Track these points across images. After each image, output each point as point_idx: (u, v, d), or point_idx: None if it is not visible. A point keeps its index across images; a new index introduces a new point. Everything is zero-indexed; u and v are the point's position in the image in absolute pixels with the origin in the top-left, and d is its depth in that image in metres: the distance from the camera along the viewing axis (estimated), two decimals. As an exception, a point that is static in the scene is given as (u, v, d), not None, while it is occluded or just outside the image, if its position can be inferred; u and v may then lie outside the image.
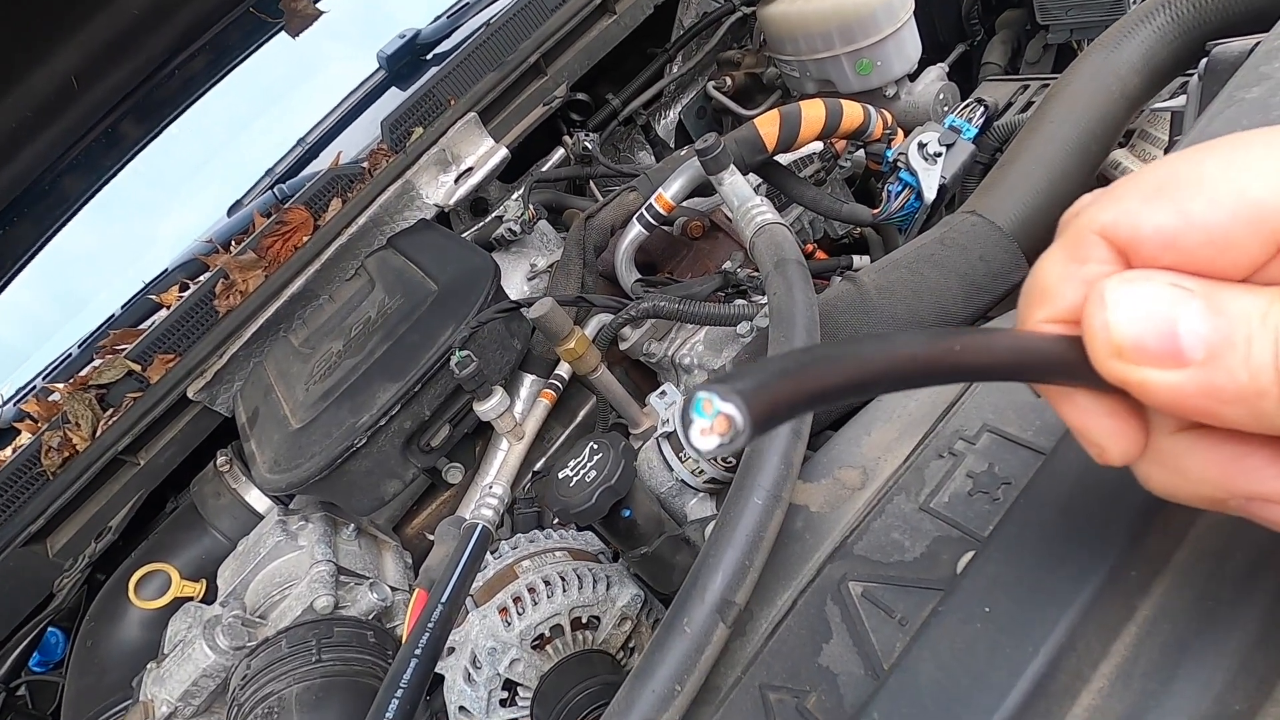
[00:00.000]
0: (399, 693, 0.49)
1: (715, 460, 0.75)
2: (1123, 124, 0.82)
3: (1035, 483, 0.35)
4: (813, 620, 0.42)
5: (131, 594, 0.97)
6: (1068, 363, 0.25)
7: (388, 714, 0.47)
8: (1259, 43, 0.58)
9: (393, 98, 1.80)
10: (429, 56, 1.82)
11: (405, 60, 1.84)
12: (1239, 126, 0.48)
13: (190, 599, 0.97)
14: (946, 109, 1.30)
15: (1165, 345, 0.23)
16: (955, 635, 0.32)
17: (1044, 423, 0.43)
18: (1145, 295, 0.24)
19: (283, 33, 1.53)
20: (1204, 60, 0.64)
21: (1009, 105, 1.19)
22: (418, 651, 0.52)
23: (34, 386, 1.60)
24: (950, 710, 0.31)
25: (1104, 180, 0.90)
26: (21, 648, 1.10)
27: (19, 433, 1.33)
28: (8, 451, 1.32)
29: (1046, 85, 1.18)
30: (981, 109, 1.09)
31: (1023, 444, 0.43)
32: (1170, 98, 0.91)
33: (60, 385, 1.28)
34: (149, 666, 0.84)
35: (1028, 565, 0.33)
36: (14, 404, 1.54)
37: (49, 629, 1.14)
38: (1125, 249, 0.25)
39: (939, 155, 0.99)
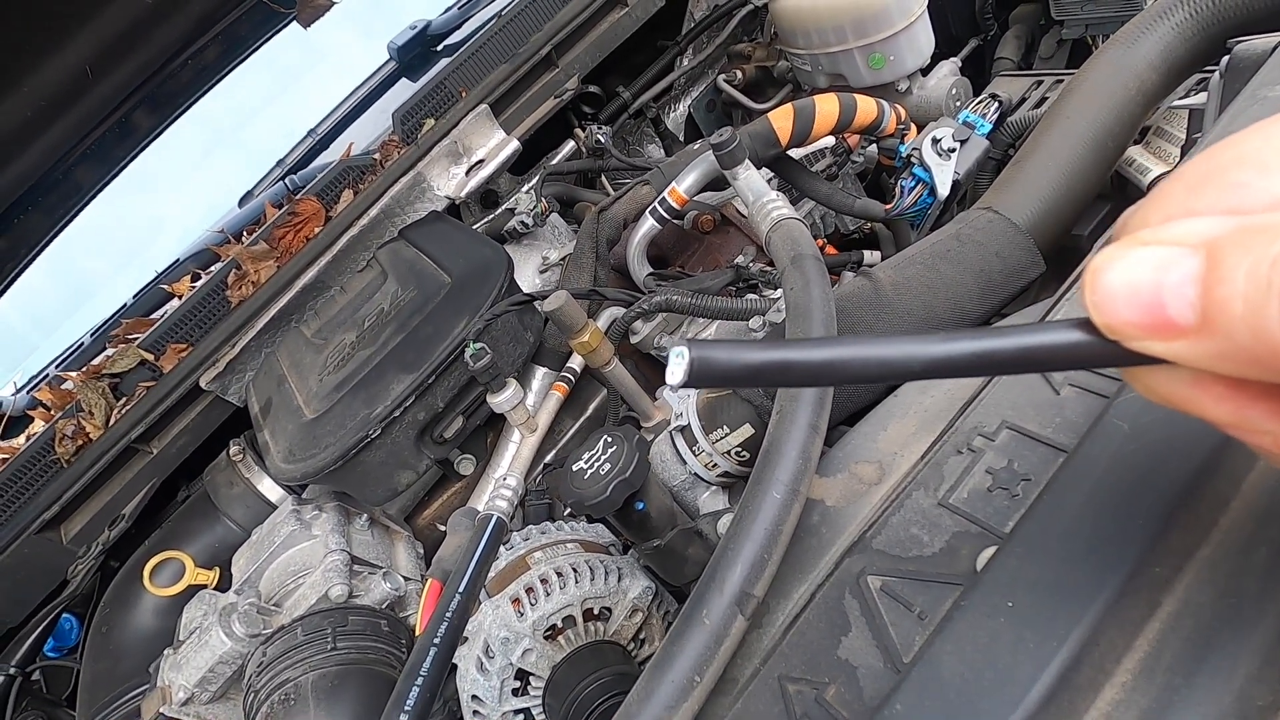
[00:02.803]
0: (419, 681, 0.49)
1: (728, 454, 0.75)
2: (1139, 121, 0.81)
3: (1058, 479, 0.36)
4: (831, 613, 0.42)
5: (146, 581, 0.98)
6: (1090, 345, 0.24)
7: (408, 702, 0.48)
8: (1282, 40, 0.58)
9: (404, 89, 1.80)
10: (440, 48, 1.82)
11: (416, 52, 1.84)
12: (1262, 124, 0.48)
13: (204, 587, 0.98)
14: (959, 104, 1.29)
15: (1151, 317, 0.21)
16: (978, 629, 0.33)
17: (1064, 419, 0.43)
18: (1130, 263, 0.22)
19: (294, 24, 1.53)
20: (1226, 57, 0.63)
21: (1023, 101, 1.19)
22: (436, 640, 0.53)
23: (47, 375, 1.61)
24: (973, 703, 0.31)
25: (1120, 178, 0.90)
26: (37, 633, 1.12)
27: (32, 421, 1.34)
28: (21, 439, 1.33)
29: (1061, 81, 1.17)
30: (995, 104, 1.09)
31: (1042, 440, 0.43)
32: (1186, 95, 0.90)
33: (73, 374, 1.29)
34: (166, 652, 0.85)
35: (1051, 561, 0.33)
36: (27, 392, 1.55)
37: (63, 615, 1.15)
38: None
39: (953, 151, 0.99)
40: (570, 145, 1.41)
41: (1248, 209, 0.21)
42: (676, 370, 0.25)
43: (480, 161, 1.27)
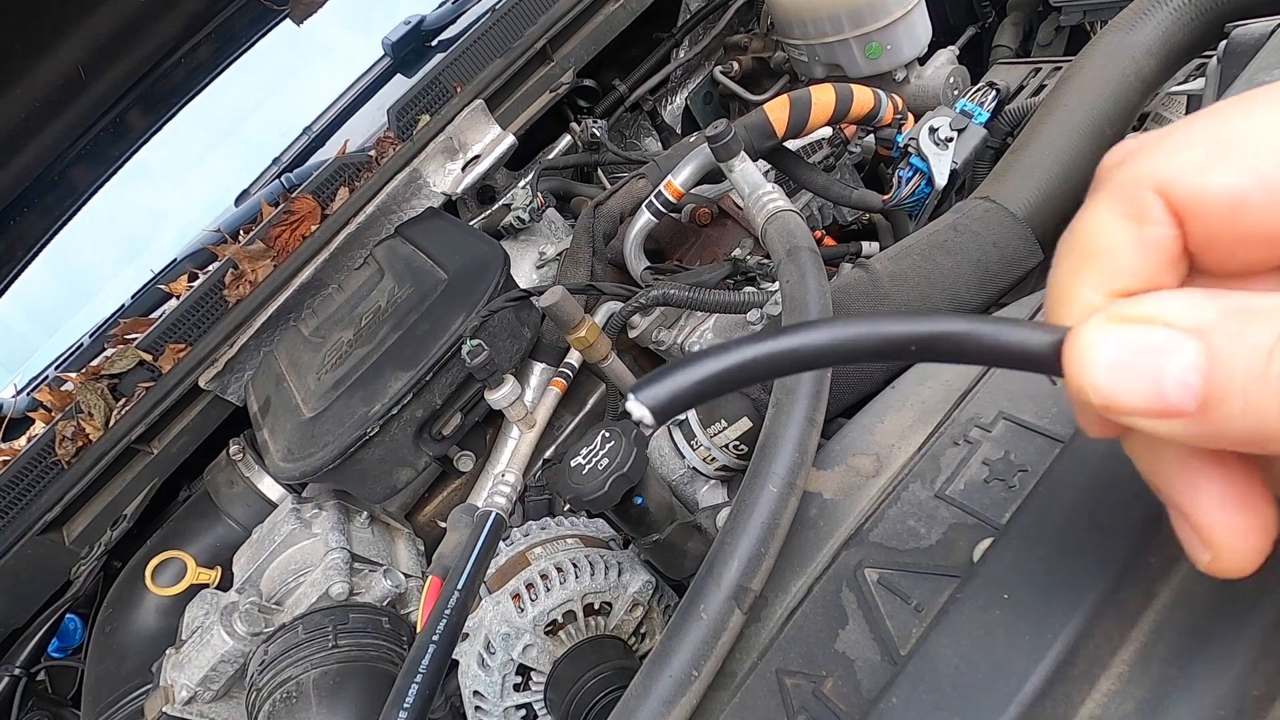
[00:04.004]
0: (418, 678, 0.49)
1: (727, 448, 0.75)
2: (1138, 108, 0.81)
3: (1054, 470, 0.35)
4: (828, 606, 0.42)
5: (148, 581, 0.98)
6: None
7: (407, 699, 0.48)
8: (1279, 24, 0.57)
9: (398, 85, 1.79)
10: (434, 43, 1.81)
11: (411, 47, 1.83)
12: (1260, 110, 0.47)
13: (206, 586, 0.98)
14: (957, 93, 1.28)
15: (1150, 403, 0.21)
16: (974, 621, 0.33)
17: (1060, 410, 0.43)
18: (1128, 346, 0.22)
19: (287, 20, 1.53)
20: (1223, 42, 0.63)
21: (1021, 89, 1.18)
22: (435, 637, 0.53)
23: (46, 376, 1.61)
24: (969, 696, 0.31)
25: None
26: (41, 634, 1.12)
27: (33, 422, 1.35)
28: (22, 441, 1.34)
29: (1059, 68, 1.17)
30: (993, 93, 1.08)
31: (1039, 431, 0.42)
32: (1185, 80, 0.90)
33: (72, 375, 1.29)
34: (168, 652, 0.85)
35: (1047, 552, 0.33)
36: (27, 394, 1.55)
37: (67, 615, 1.16)
38: (1183, 211, 0.22)
39: (950, 140, 0.98)
40: (566, 140, 1.40)
41: (1254, 203, 0.21)
42: (642, 416, 0.25)
43: (476, 157, 1.27)
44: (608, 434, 0.66)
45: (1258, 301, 0.21)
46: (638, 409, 0.24)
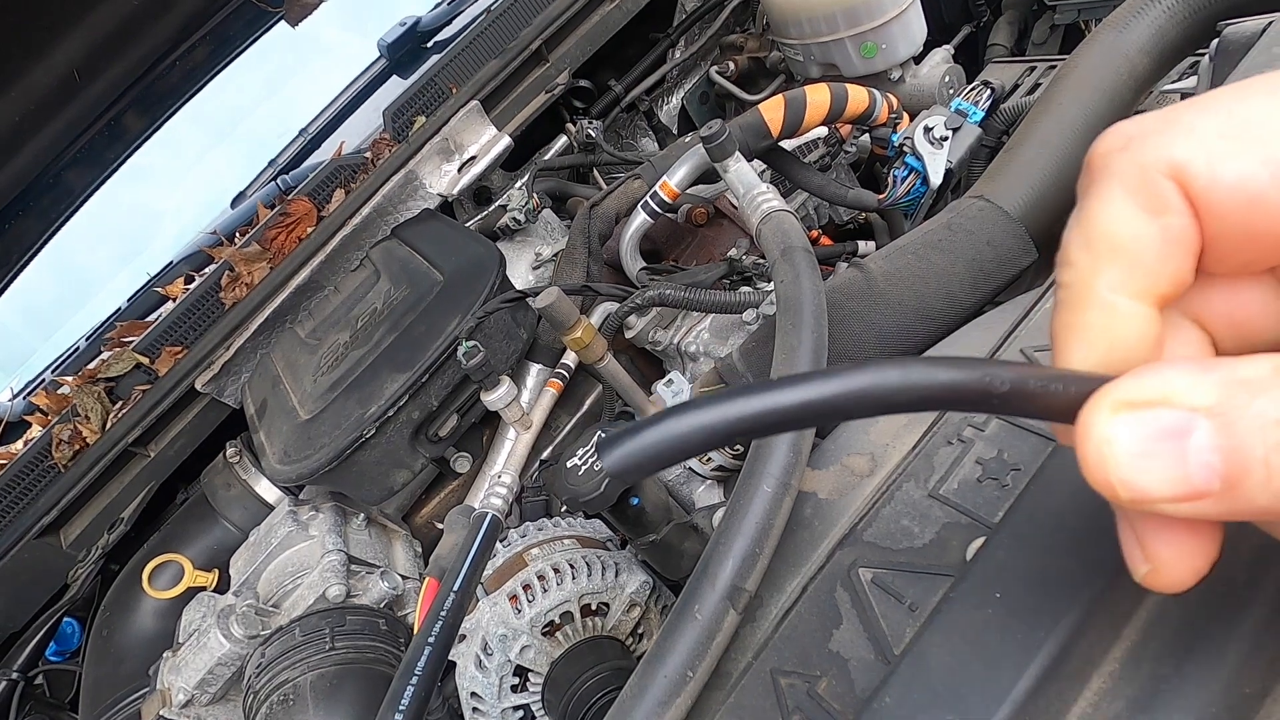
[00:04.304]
0: (414, 680, 0.49)
1: (722, 448, 0.75)
2: (1131, 106, 0.81)
3: (1046, 469, 0.35)
4: (823, 606, 0.42)
5: (145, 584, 0.98)
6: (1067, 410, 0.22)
7: (403, 701, 0.48)
8: (1271, 22, 0.57)
9: (394, 86, 1.79)
10: (430, 44, 1.81)
11: (406, 48, 1.83)
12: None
13: (203, 589, 0.98)
14: (952, 92, 1.29)
15: (1178, 490, 0.21)
16: (966, 621, 0.33)
17: (1053, 408, 0.43)
18: (1146, 434, 0.21)
19: (282, 22, 1.53)
20: (1215, 40, 0.63)
21: (1015, 87, 1.18)
22: (431, 639, 0.53)
23: (43, 380, 1.61)
24: (961, 695, 0.31)
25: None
26: (39, 638, 1.12)
27: (29, 426, 1.34)
28: (19, 445, 1.33)
29: (1054, 67, 1.17)
30: (988, 92, 1.08)
31: (1032, 430, 0.43)
32: (1179, 79, 0.90)
33: (69, 378, 1.29)
34: (165, 655, 0.85)
35: (1039, 551, 0.33)
36: (24, 397, 1.55)
37: (65, 619, 1.16)
38: (1195, 199, 0.21)
39: (945, 139, 0.98)
40: (562, 140, 1.40)
41: (1272, 198, 0.20)
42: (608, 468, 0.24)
43: (472, 158, 1.26)
44: (604, 434, 0.66)
45: (1250, 370, 0.20)
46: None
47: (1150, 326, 0.23)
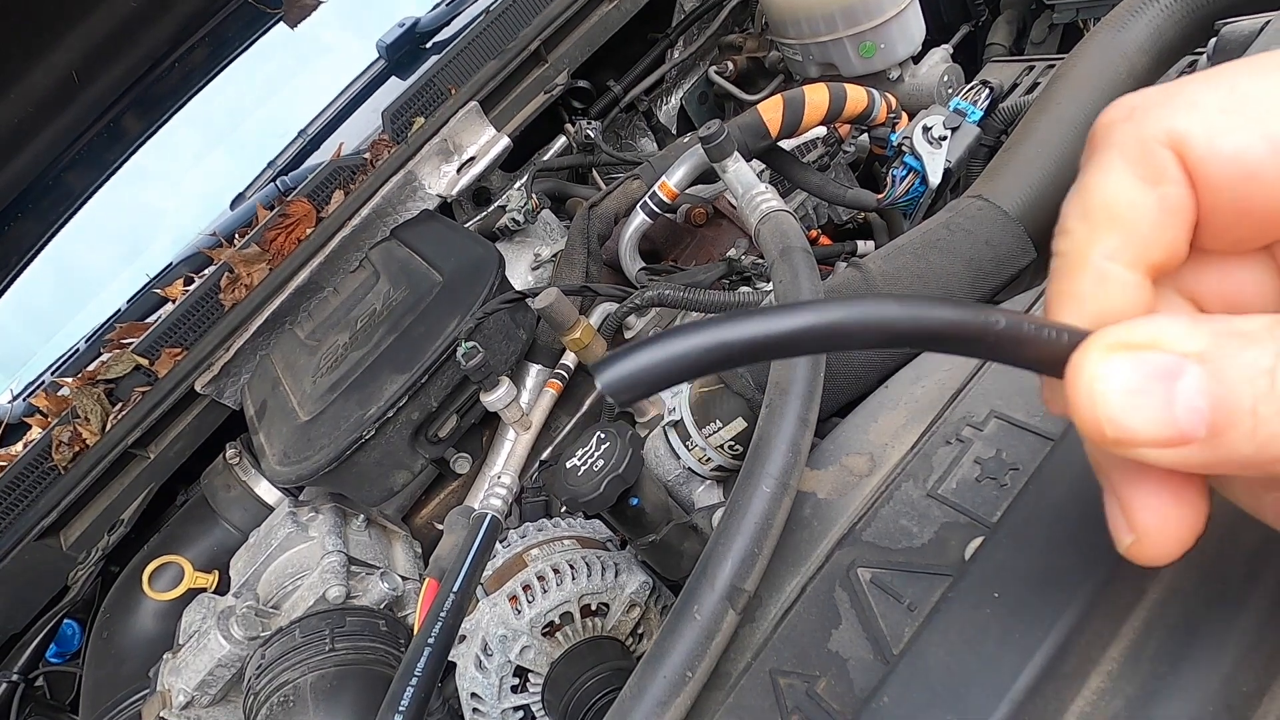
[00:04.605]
0: (413, 681, 0.49)
1: (722, 448, 0.75)
2: (1130, 105, 0.81)
3: (1044, 468, 0.35)
4: (822, 606, 0.42)
5: (145, 586, 0.98)
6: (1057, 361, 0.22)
7: (403, 702, 0.48)
8: (1269, 21, 0.57)
9: (393, 87, 1.79)
10: (429, 45, 1.81)
11: (405, 49, 1.83)
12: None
13: (203, 590, 0.98)
14: (951, 91, 1.29)
15: (1163, 432, 0.21)
16: (965, 620, 0.33)
17: (1052, 408, 0.43)
18: (1136, 374, 0.21)
19: (281, 23, 1.53)
20: (1213, 39, 0.63)
21: (1014, 87, 1.18)
22: (431, 640, 0.53)
23: (42, 381, 1.61)
24: (960, 694, 0.31)
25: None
26: (39, 639, 1.12)
27: (29, 428, 1.34)
28: (19, 446, 1.34)
29: (1052, 66, 1.17)
30: (986, 91, 1.08)
31: (1030, 429, 0.43)
32: (1178, 77, 0.90)
33: (69, 380, 1.29)
34: (165, 657, 0.85)
35: (1037, 550, 0.33)
36: (23, 399, 1.55)
37: (65, 621, 1.16)
38: (1193, 170, 0.21)
39: (944, 139, 0.98)
40: (561, 141, 1.40)
41: (1270, 173, 0.20)
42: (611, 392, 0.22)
43: (471, 159, 1.26)
44: (603, 435, 0.67)
45: (1245, 325, 0.20)
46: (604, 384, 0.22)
47: (1143, 296, 0.23)
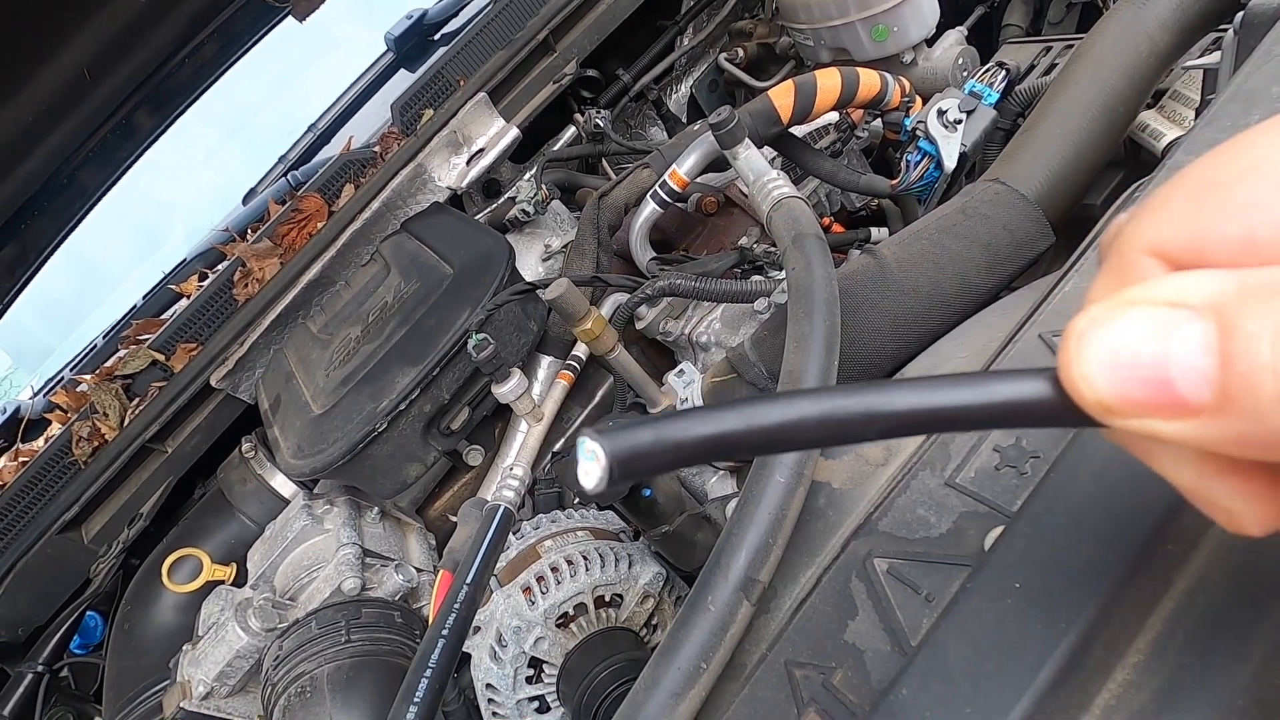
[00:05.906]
0: (428, 672, 0.49)
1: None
2: (1152, 84, 0.79)
3: (1067, 456, 0.35)
4: (838, 597, 0.42)
5: (165, 578, 1.00)
6: (1062, 408, 0.20)
7: (417, 693, 0.48)
8: (1299, -7, 0.55)
9: (402, 80, 1.79)
10: (437, 37, 1.80)
11: (413, 41, 1.82)
12: (1278, 81, 0.46)
13: (221, 582, 0.99)
14: (966, 74, 1.26)
15: (1156, 394, 0.18)
16: (985, 611, 0.32)
17: (1073, 395, 0.42)
18: (1123, 329, 0.19)
19: (289, 18, 1.53)
20: (1240, 14, 0.61)
21: (1031, 68, 1.16)
22: (445, 631, 0.53)
23: (62, 378, 1.63)
24: (980, 687, 0.30)
25: (1133, 144, 0.87)
26: (63, 631, 1.14)
27: (49, 424, 1.36)
28: (40, 442, 1.35)
29: (1070, 46, 1.14)
30: (1003, 73, 1.06)
31: (1051, 417, 0.42)
32: (1202, 55, 0.87)
33: (87, 376, 1.30)
34: (185, 648, 0.86)
35: (1059, 540, 0.32)
36: (43, 395, 1.57)
37: (88, 613, 1.18)
38: (1189, 266, 0.19)
39: (959, 122, 0.96)
40: (570, 131, 1.40)
41: (1263, 239, 0.17)
42: (590, 472, 0.21)
43: (481, 150, 1.26)
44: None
45: (1255, 275, 0.18)
46: (593, 464, 0.21)
47: None
